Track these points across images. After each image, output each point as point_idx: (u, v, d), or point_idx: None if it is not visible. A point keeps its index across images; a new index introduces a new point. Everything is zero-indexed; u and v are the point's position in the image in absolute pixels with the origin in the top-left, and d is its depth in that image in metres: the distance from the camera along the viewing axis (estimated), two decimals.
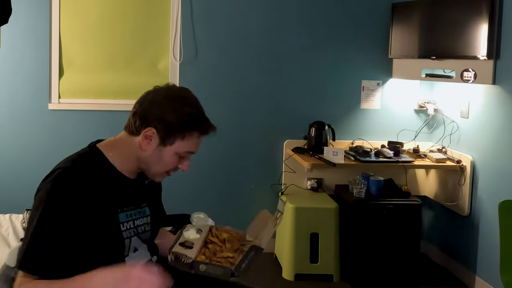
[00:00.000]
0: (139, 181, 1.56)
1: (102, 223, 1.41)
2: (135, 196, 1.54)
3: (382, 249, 3.32)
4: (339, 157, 3.36)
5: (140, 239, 1.53)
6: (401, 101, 3.90)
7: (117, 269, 1.32)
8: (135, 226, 1.51)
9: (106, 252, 1.43)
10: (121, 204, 1.48)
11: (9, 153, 3.66)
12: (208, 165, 3.79)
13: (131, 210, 1.51)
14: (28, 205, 2.72)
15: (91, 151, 1.49)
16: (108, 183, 1.45)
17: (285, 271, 3.46)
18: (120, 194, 1.48)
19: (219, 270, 1.34)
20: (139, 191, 1.56)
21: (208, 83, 3.75)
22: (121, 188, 1.49)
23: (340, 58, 3.84)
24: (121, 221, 1.47)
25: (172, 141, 1.45)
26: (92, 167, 1.44)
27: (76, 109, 3.70)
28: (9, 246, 2.41)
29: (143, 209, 1.56)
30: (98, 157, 1.48)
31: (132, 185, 1.53)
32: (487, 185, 3.24)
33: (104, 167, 1.47)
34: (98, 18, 3.71)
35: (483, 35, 3.09)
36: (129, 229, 1.49)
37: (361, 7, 3.82)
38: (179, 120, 1.44)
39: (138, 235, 1.52)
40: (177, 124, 1.44)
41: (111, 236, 1.44)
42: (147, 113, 1.46)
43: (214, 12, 3.74)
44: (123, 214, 1.48)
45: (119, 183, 1.49)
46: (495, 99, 3.17)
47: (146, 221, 1.56)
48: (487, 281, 3.19)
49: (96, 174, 1.43)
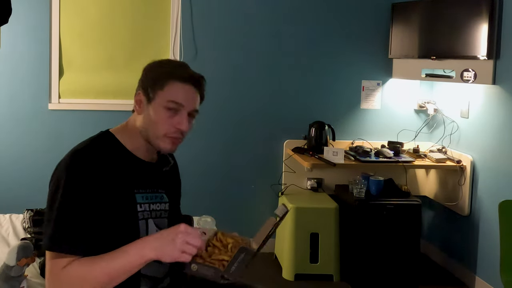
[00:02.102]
0: (156, 166, 1.58)
1: (119, 200, 1.43)
2: (151, 179, 1.55)
3: (382, 249, 3.32)
4: (339, 157, 3.36)
5: (156, 225, 1.52)
6: (401, 101, 3.90)
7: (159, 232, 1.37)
8: (150, 210, 1.51)
9: (122, 231, 1.43)
10: (137, 185, 1.49)
11: (9, 153, 3.66)
12: (208, 164, 3.79)
13: (147, 193, 1.52)
14: (28, 205, 2.74)
15: (103, 134, 1.53)
16: (122, 163, 1.47)
17: (285, 271, 3.46)
18: (135, 175, 1.49)
19: (210, 271, 1.33)
20: (155, 175, 1.57)
21: (208, 83, 3.73)
22: (135, 169, 1.50)
23: (340, 58, 3.84)
24: (138, 201, 1.48)
25: (154, 95, 1.47)
26: (105, 148, 1.47)
27: (76, 109, 3.70)
28: (9, 246, 2.41)
29: (160, 194, 1.56)
30: (110, 139, 1.51)
31: (147, 168, 1.54)
32: (487, 185, 3.24)
33: (116, 148, 1.50)
34: (98, 18, 3.71)
35: (483, 35, 3.09)
36: (146, 211, 1.49)
37: (361, 7, 3.82)
38: (156, 73, 1.49)
39: (154, 219, 1.51)
40: (155, 77, 1.48)
41: (127, 215, 1.45)
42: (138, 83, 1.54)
43: (214, 12, 3.74)
44: (139, 195, 1.49)
45: (133, 164, 1.50)
46: (495, 99, 3.17)
47: (164, 207, 1.56)
48: (487, 281, 3.19)
49: (109, 154, 1.46)
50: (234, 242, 1.46)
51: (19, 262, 1.95)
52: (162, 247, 1.30)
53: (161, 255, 1.30)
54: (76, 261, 1.33)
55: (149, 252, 1.30)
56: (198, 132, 3.74)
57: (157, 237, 1.33)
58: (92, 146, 1.46)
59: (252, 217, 3.87)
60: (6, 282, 1.94)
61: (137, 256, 1.31)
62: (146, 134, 1.49)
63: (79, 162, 1.40)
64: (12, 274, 1.95)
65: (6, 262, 1.96)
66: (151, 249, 1.30)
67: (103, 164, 1.42)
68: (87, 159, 1.41)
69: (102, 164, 1.42)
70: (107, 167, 1.42)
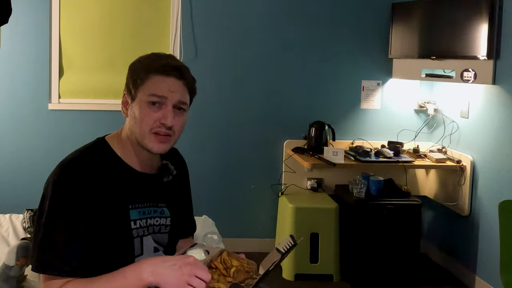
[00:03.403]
0: (155, 178, 1.49)
1: (111, 217, 1.35)
2: (150, 192, 1.46)
3: (382, 249, 3.32)
4: (339, 157, 3.36)
5: (155, 241, 1.45)
6: (401, 101, 3.89)
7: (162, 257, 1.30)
8: (147, 225, 1.43)
9: (116, 250, 1.36)
10: (132, 200, 1.41)
11: (9, 153, 3.66)
12: (208, 164, 3.79)
13: (144, 207, 1.43)
14: (28, 205, 2.73)
15: (98, 142, 1.46)
16: (115, 176, 1.39)
17: (285, 271, 3.45)
18: (130, 188, 1.41)
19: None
20: (155, 188, 1.48)
21: (208, 83, 3.75)
22: (131, 182, 1.42)
23: (340, 58, 3.84)
24: (132, 218, 1.39)
25: (136, 92, 1.40)
26: (98, 159, 1.39)
27: (76, 109, 3.70)
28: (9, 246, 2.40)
29: (160, 208, 1.47)
30: (104, 149, 1.43)
31: (145, 180, 1.45)
32: (487, 185, 3.24)
33: (110, 160, 1.42)
34: (98, 18, 3.71)
35: (483, 35, 3.09)
36: (141, 228, 1.41)
37: (361, 7, 3.82)
38: (136, 70, 1.42)
39: (151, 235, 1.44)
40: (135, 74, 1.41)
41: (119, 232, 1.37)
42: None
43: (214, 12, 3.74)
44: (135, 211, 1.40)
45: (128, 176, 1.42)
46: (495, 99, 3.16)
47: (164, 222, 1.47)
48: (487, 281, 3.19)
49: (102, 166, 1.38)
50: (239, 266, 1.37)
51: (19, 262, 1.94)
52: (164, 274, 1.22)
53: (162, 282, 1.22)
54: (71, 283, 1.27)
55: (148, 276, 1.23)
56: (198, 131, 3.75)
57: (160, 262, 1.25)
58: (83, 158, 1.38)
59: (252, 217, 3.87)
60: (6, 282, 1.94)
61: (134, 279, 1.24)
62: (134, 136, 1.41)
63: (66, 176, 1.32)
64: (11, 274, 1.95)
65: (6, 262, 1.96)
66: (150, 274, 1.23)
67: (94, 178, 1.35)
68: (76, 173, 1.33)
69: (93, 178, 1.34)
70: (99, 181, 1.35)
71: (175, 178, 1.54)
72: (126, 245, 1.38)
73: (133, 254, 1.39)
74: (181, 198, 1.60)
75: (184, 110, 1.42)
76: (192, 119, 3.75)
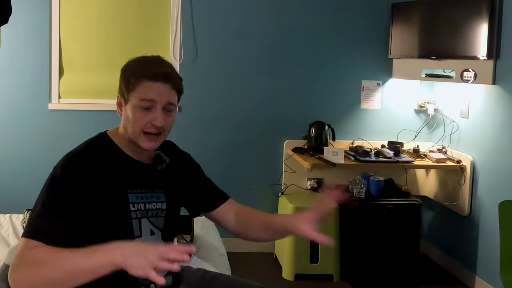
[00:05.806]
0: (151, 167, 1.60)
1: (111, 200, 1.46)
2: (147, 179, 1.58)
3: (382, 249, 3.32)
4: (339, 157, 3.36)
5: (152, 224, 1.55)
6: (401, 101, 3.89)
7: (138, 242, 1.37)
8: (146, 209, 1.54)
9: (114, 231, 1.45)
10: (130, 185, 1.53)
11: (9, 153, 3.66)
12: (208, 164, 3.77)
13: (142, 192, 1.55)
14: (28, 205, 2.72)
15: (99, 136, 1.59)
16: (116, 165, 1.52)
17: (285, 271, 3.45)
18: (129, 175, 1.53)
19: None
20: (152, 175, 1.59)
21: (208, 83, 3.76)
22: (130, 170, 1.54)
23: (340, 58, 3.84)
24: (131, 201, 1.51)
25: (128, 96, 1.52)
26: (100, 151, 1.52)
27: (76, 109, 3.70)
28: (9, 246, 2.40)
29: (157, 194, 1.59)
30: (106, 141, 1.56)
31: (142, 168, 1.57)
32: (487, 185, 3.24)
33: (111, 150, 1.54)
34: (98, 18, 3.71)
35: (483, 35, 3.09)
36: (139, 210, 1.52)
37: (361, 7, 3.82)
38: (127, 76, 1.55)
39: (148, 218, 1.54)
40: (127, 80, 1.53)
41: (119, 214, 1.48)
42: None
43: (214, 12, 3.74)
44: (133, 195, 1.52)
45: (128, 165, 1.55)
46: (495, 99, 3.17)
47: (160, 207, 1.58)
48: (487, 281, 3.19)
49: (104, 156, 1.51)
50: None
51: None
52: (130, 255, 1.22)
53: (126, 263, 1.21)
54: (46, 247, 1.31)
55: (118, 257, 1.22)
56: (198, 131, 3.76)
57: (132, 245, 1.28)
58: (87, 150, 1.52)
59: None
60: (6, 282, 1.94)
61: (103, 257, 1.24)
62: (127, 134, 1.53)
63: (73, 162, 1.46)
64: None
65: (6, 262, 1.96)
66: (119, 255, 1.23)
67: (97, 165, 1.47)
68: (81, 160, 1.46)
69: (96, 166, 1.47)
70: (101, 168, 1.47)
71: (171, 166, 1.65)
72: (125, 225, 1.49)
73: (133, 234, 1.50)
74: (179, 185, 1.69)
75: (173, 109, 1.55)
76: (192, 119, 3.78)
